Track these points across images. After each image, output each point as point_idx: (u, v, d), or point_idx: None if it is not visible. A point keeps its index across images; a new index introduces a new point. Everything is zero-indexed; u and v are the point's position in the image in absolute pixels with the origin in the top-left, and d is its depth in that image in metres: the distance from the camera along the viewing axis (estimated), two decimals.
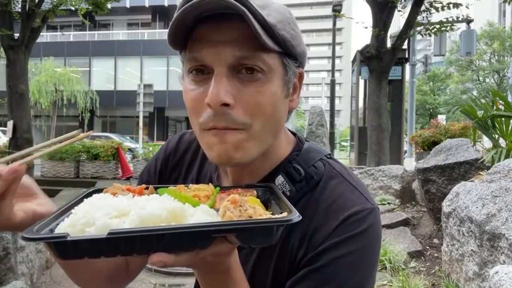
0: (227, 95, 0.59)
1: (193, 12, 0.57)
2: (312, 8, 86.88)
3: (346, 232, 0.64)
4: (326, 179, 0.70)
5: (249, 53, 0.59)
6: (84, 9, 8.88)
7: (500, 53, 31.31)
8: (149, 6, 34.33)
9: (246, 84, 0.61)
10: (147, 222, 0.50)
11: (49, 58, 26.45)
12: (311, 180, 0.69)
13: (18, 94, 7.51)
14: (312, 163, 0.71)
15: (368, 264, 0.65)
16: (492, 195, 2.75)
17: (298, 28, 0.67)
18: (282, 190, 0.69)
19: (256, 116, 0.62)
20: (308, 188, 0.69)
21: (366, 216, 0.66)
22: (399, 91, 10.89)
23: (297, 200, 0.68)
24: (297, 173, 0.70)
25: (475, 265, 2.74)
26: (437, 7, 7.95)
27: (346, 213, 0.65)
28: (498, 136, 4.36)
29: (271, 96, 0.62)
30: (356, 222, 0.65)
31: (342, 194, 0.68)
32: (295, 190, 0.69)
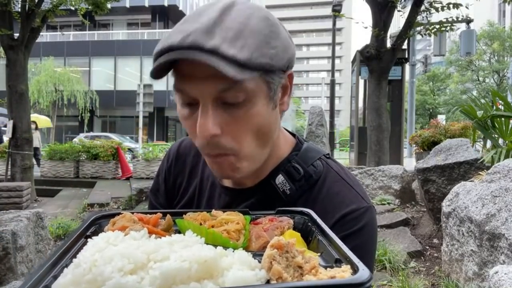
0: (214, 127, 0.61)
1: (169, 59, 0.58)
2: (312, 8, 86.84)
3: (343, 230, 0.66)
4: (324, 178, 0.72)
5: (228, 86, 0.59)
6: (84, 9, 8.87)
7: (500, 53, 31.31)
8: (149, 6, 34.31)
9: (231, 112, 0.61)
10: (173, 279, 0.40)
11: (49, 58, 26.44)
12: (310, 178, 0.72)
13: (18, 94, 7.50)
14: (311, 162, 0.73)
15: (365, 261, 0.65)
16: (492, 195, 2.75)
17: (282, 37, 0.63)
18: (282, 189, 0.71)
19: (244, 140, 0.64)
20: (307, 186, 0.71)
21: (363, 214, 0.68)
22: (399, 91, 10.88)
23: (297, 198, 0.71)
24: (296, 172, 0.71)
25: (475, 265, 2.74)
26: (437, 7, 7.95)
27: (343, 211, 0.68)
28: (497, 136, 4.36)
29: (257, 118, 0.63)
30: (353, 221, 0.67)
31: (339, 192, 0.71)
32: (294, 188, 0.71)
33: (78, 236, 0.53)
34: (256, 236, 0.53)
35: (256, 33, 0.58)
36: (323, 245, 0.51)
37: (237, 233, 0.53)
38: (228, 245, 0.49)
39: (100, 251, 0.44)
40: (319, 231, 0.55)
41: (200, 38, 0.55)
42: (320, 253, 0.50)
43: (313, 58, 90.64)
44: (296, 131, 27.17)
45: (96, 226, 0.57)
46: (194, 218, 0.56)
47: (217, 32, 0.56)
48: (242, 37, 0.57)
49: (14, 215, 3.69)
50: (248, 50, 0.56)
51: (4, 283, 3.10)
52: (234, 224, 0.54)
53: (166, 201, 0.88)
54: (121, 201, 7.04)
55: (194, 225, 0.52)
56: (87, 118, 26.75)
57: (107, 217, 0.58)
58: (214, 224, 0.54)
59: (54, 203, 7.57)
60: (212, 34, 0.56)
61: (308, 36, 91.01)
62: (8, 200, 6.41)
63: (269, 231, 0.53)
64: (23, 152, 7.58)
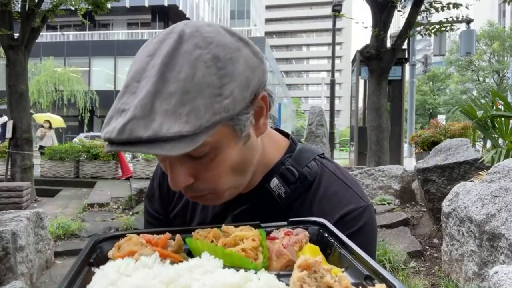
0: (185, 179, 0.59)
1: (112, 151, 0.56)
2: (312, 8, 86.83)
3: (343, 231, 0.64)
4: (319, 179, 0.71)
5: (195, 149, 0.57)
6: (84, 9, 8.87)
7: (500, 53, 31.32)
8: (149, 6, 34.33)
9: (199, 162, 0.59)
10: None
11: (49, 58, 26.44)
12: (305, 180, 0.70)
13: (17, 94, 7.50)
14: (305, 164, 0.71)
15: (371, 253, 0.68)
16: (492, 195, 2.75)
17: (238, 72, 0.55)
18: (277, 192, 0.69)
19: (218, 181, 0.62)
20: (303, 188, 0.70)
21: (361, 213, 0.68)
22: (399, 91, 10.88)
23: (293, 201, 0.69)
24: (291, 174, 0.70)
25: (475, 265, 2.74)
26: (437, 7, 7.95)
27: (342, 212, 0.67)
28: (497, 136, 4.36)
29: (228, 161, 0.60)
30: (352, 221, 0.67)
31: (336, 193, 0.69)
32: (290, 191, 0.69)
33: (81, 264, 0.48)
34: (277, 255, 0.50)
35: (204, 89, 0.52)
36: (346, 260, 0.48)
37: (254, 251, 0.49)
38: (248, 266, 0.46)
39: (113, 284, 0.40)
40: (338, 242, 0.52)
41: (137, 128, 0.50)
42: (345, 268, 0.47)
43: (313, 58, 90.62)
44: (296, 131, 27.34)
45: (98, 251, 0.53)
46: (205, 236, 0.53)
47: (157, 109, 0.51)
48: (187, 102, 0.51)
49: (14, 215, 3.69)
50: (195, 118, 0.51)
51: (4, 283, 3.10)
52: (250, 241, 0.50)
53: (161, 207, 0.86)
54: (121, 201, 7.04)
55: (208, 246, 0.49)
56: (87, 118, 26.76)
57: (110, 239, 0.54)
58: (228, 242, 0.51)
59: (54, 203, 7.57)
60: (151, 115, 0.50)
61: (308, 36, 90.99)
62: (8, 200, 6.41)
63: (289, 247, 0.50)
64: (23, 152, 7.58)
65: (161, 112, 0.51)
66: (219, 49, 0.55)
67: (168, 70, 0.53)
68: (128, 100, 0.53)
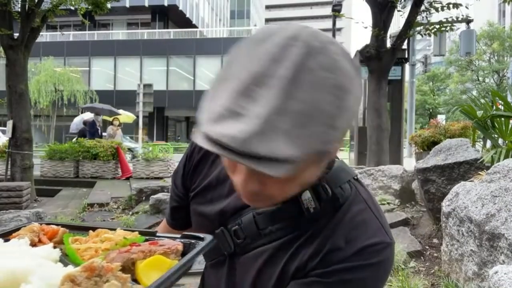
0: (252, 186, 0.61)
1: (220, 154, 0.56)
2: (312, 8, 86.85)
3: (361, 260, 0.66)
4: (350, 203, 0.71)
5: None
6: (83, 8, 8.86)
7: (499, 53, 31.34)
8: (149, 6, 34.30)
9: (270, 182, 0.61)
10: None
11: (49, 57, 26.44)
12: (336, 201, 0.70)
13: (17, 94, 7.50)
14: (339, 184, 0.71)
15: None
16: (492, 195, 2.76)
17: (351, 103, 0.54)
18: (307, 205, 0.69)
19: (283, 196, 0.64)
20: (332, 208, 0.70)
21: (383, 249, 0.68)
22: (398, 91, 10.89)
23: (319, 218, 0.70)
24: (324, 192, 0.69)
25: (475, 265, 2.74)
26: (437, 7, 7.95)
27: (366, 243, 0.67)
28: (497, 136, 4.36)
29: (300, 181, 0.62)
30: (373, 253, 0.67)
31: (364, 222, 0.69)
32: (319, 207, 0.69)
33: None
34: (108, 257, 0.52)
35: (322, 117, 0.51)
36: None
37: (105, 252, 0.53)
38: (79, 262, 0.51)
39: None
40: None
41: (256, 142, 0.48)
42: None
43: None
44: None
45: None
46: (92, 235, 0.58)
47: (278, 127, 0.49)
48: (305, 126, 0.50)
49: (14, 215, 3.69)
50: (307, 144, 0.50)
51: None
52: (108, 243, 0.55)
53: (182, 185, 0.90)
54: (121, 201, 7.04)
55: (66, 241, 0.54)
56: None
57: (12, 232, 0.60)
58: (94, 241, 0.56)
59: (54, 203, 7.56)
60: (272, 133, 0.49)
61: None
62: (8, 200, 6.41)
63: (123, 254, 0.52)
64: (22, 152, 7.58)
65: (281, 131, 0.49)
66: (343, 78, 0.53)
67: (294, 86, 0.50)
68: (246, 105, 0.50)
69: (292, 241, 0.71)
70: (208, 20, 44.45)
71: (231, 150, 0.49)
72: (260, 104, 0.49)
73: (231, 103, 0.51)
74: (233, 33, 38.35)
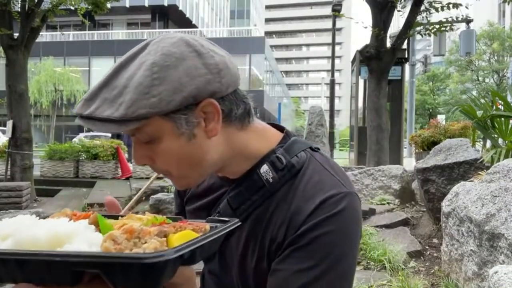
0: (140, 159, 0.73)
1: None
2: (312, 8, 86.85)
3: (323, 214, 0.70)
4: (306, 168, 0.76)
5: (130, 130, 0.68)
6: (83, 8, 8.86)
7: (499, 53, 31.34)
8: (149, 5, 34.33)
9: (149, 147, 0.71)
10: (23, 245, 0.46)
11: (49, 57, 26.46)
12: (292, 168, 0.76)
13: (17, 94, 7.50)
14: (295, 153, 0.77)
15: (346, 242, 0.71)
16: (492, 195, 2.76)
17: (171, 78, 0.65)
18: (266, 177, 0.76)
19: (170, 167, 0.73)
20: (290, 175, 0.76)
21: (342, 198, 0.72)
22: (398, 91, 10.88)
23: (279, 187, 0.76)
24: (279, 162, 0.76)
25: (475, 265, 2.74)
26: (437, 7, 7.96)
27: (323, 196, 0.71)
28: (497, 136, 4.36)
29: (168, 153, 0.70)
30: (333, 204, 0.71)
31: (320, 180, 0.74)
32: (277, 177, 0.76)
33: None
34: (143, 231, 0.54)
35: (136, 87, 0.64)
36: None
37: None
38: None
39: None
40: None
41: (81, 107, 0.67)
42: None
43: (313, 58, 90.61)
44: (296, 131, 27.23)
45: None
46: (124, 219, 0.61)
47: (99, 96, 0.66)
48: (122, 95, 0.64)
49: (14, 215, 3.69)
50: (124, 108, 0.63)
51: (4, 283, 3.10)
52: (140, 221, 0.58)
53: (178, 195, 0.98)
54: (121, 201, 7.04)
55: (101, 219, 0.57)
56: None
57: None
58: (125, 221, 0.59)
59: (53, 203, 7.57)
60: (93, 100, 0.66)
61: (308, 36, 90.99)
62: (8, 200, 6.41)
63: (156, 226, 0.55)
64: (22, 152, 7.58)
65: (102, 98, 0.65)
66: (161, 57, 0.66)
67: (123, 68, 0.67)
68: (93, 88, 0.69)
69: (262, 215, 0.76)
70: (208, 20, 44.46)
71: (79, 117, 0.67)
72: (97, 83, 0.68)
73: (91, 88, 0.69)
74: (233, 33, 38.36)
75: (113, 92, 0.65)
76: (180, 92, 0.66)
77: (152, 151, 0.71)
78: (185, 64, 0.67)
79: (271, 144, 0.80)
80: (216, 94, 0.70)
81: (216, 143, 0.73)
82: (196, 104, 0.69)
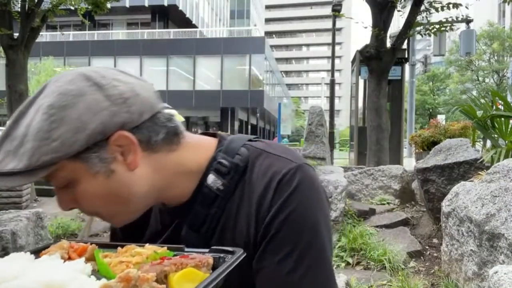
0: (65, 204, 0.69)
1: None
2: (312, 8, 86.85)
3: (282, 195, 0.69)
4: (253, 161, 0.74)
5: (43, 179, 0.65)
6: (83, 8, 8.86)
7: (499, 53, 31.35)
8: (149, 5, 34.31)
9: (69, 191, 0.68)
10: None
11: (49, 57, 26.45)
12: (237, 167, 0.74)
13: (17, 94, 7.49)
14: (235, 152, 0.75)
15: (313, 213, 0.70)
16: (492, 195, 2.76)
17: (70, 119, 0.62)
18: (216, 187, 0.73)
19: (96, 209, 0.70)
20: (238, 175, 0.73)
21: (294, 173, 0.71)
22: (398, 91, 10.88)
23: (233, 190, 0.73)
24: (223, 166, 0.74)
25: (475, 265, 2.74)
26: (437, 7, 7.96)
27: (277, 179, 0.70)
28: (497, 136, 4.36)
29: (88, 193, 0.67)
30: (288, 183, 0.70)
31: (269, 165, 0.73)
32: (227, 182, 0.73)
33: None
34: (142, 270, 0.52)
35: (36, 134, 0.62)
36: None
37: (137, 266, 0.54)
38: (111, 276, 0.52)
39: None
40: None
41: None
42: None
43: (313, 58, 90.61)
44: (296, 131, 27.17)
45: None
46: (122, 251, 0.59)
47: (1, 150, 0.63)
48: (23, 144, 0.62)
49: (14, 215, 3.69)
50: (27, 158, 0.61)
51: None
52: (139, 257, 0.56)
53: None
54: None
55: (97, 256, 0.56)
56: None
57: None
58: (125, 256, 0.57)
59: (54, 203, 7.53)
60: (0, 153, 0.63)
61: (308, 36, 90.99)
62: (7, 200, 6.41)
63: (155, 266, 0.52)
64: None
65: (4, 151, 0.63)
66: (57, 98, 0.63)
67: (22, 116, 0.65)
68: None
69: (227, 224, 0.73)
70: (208, 20, 44.46)
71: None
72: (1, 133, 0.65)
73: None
74: (233, 33, 38.35)
75: (13, 142, 0.62)
76: (83, 130, 0.62)
77: (73, 195, 0.68)
78: (84, 100, 0.63)
79: (209, 152, 0.77)
80: (127, 125, 0.66)
81: (141, 174, 0.69)
82: (106, 139, 0.65)
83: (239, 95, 30.99)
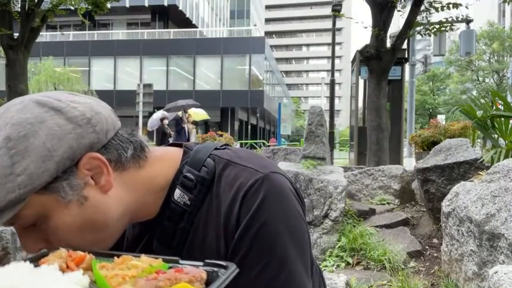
0: (35, 245, 0.64)
1: None
2: (312, 8, 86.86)
3: (250, 209, 0.66)
4: (219, 173, 0.71)
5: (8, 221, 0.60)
6: (83, 8, 8.87)
7: (499, 53, 31.36)
8: (149, 5, 34.31)
9: (41, 229, 0.63)
10: None
11: (49, 57, 26.47)
12: (204, 181, 0.71)
13: (17, 94, 7.51)
14: (201, 164, 0.72)
15: (285, 221, 0.68)
16: (492, 195, 2.76)
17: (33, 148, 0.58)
18: (183, 202, 0.70)
19: (70, 243, 0.63)
20: (205, 188, 0.71)
21: (260, 185, 0.68)
22: (398, 91, 10.88)
23: (200, 204, 0.71)
24: (189, 180, 0.71)
25: (475, 265, 2.74)
26: (437, 7, 7.96)
27: (242, 192, 0.67)
28: (497, 136, 4.36)
29: (65, 225, 0.63)
30: (254, 196, 0.67)
31: (235, 176, 0.70)
32: (193, 197, 0.70)
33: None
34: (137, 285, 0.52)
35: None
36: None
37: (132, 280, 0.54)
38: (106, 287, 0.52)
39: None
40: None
41: None
42: None
43: (313, 58, 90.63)
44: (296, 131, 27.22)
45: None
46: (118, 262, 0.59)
47: None
48: None
49: None
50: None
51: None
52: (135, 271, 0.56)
53: None
54: None
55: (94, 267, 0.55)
56: None
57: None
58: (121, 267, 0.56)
59: None
60: None
61: (308, 36, 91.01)
62: None
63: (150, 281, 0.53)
64: None
65: None
66: (12, 129, 0.58)
67: None
68: None
69: (196, 238, 0.71)
70: (208, 20, 44.46)
71: None
72: None
73: None
74: (233, 33, 38.36)
75: None
76: (50, 158, 0.58)
77: (43, 233, 0.63)
78: (45, 126, 0.59)
79: (175, 165, 0.74)
80: (95, 146, 0.63)
81: (115, 195, 0.66)
82: (75, 165, 0.62)
83: (239, 95, 30.98)
